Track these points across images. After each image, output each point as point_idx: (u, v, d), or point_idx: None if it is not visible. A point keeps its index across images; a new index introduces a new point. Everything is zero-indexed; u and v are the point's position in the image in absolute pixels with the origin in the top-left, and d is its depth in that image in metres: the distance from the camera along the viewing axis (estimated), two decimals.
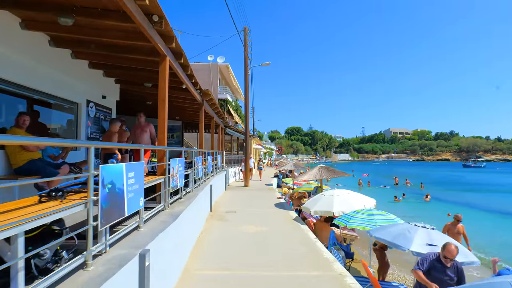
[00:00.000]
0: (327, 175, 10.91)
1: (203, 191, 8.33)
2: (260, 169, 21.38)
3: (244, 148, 19.27)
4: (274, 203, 12.38)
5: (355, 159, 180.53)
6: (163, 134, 5.32)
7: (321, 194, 9.23)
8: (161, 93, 5.31)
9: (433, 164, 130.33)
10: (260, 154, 55.20)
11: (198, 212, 7.28)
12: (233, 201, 12.61)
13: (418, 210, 20.02)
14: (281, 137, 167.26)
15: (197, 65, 32.20)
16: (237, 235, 7.29)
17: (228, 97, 32.30)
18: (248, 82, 18.44)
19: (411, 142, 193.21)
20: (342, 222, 7.37)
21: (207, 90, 9.44)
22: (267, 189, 17.63)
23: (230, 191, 16.02)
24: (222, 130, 19.11)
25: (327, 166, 11.67)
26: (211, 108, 11.92)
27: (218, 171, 14.78)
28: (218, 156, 14.38)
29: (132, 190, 3.35)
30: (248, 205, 11.68)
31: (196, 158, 7.74)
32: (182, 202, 6.00)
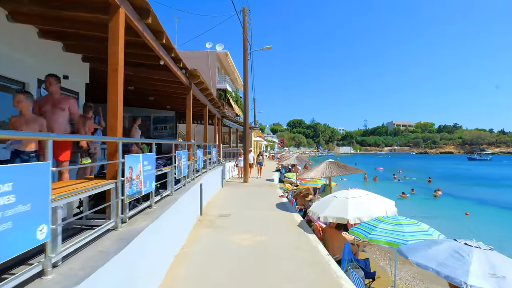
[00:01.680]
0: (337, 172, 9.36)
1: (188, 193, 6.79)
2: (259, 165, 19.30)
3: (243, 140, 17.70)
4: (276, 203, 10.84)
5: (357, 152, 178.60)
6: (115, 119, 3.72)
7: (332, 196, 7.65)
8: (112, 60, 3.73)
9: (437, 157, 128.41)
10: (262, 147, 53.62)
11: (179, 220, 5.75)
12: (229, 201, 11.07)
13: (430, 209, 18.44)
14: (283, 129, 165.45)
15: (195, 53, 30.45)
16: (228, 250, 5.75)
17: (228, 87, 30.62)
18: (247, 67, 16.77)
19: (414, 135, 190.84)
20: (361, 233, 5.82)
21: (194, 70, 7.82)
22: (268, 185, 16.09)
23: (227, 188, 14.48)
24: (219, 121, 17.52)
25: (336, 161, 10.10)
26: (203, 94, 10.31)
27: (213, 166, 13.24)
28: (213, 150, 12.82)
29: None
30: (245, 206, 10.14)
31: (177, 152, 6.16)
32: (151, 212, 4.45)
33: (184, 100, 12.43)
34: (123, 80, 8.93)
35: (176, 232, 5.43)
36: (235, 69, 35.08)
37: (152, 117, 18.47)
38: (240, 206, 10.20)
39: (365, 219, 6.54)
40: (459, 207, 19.49)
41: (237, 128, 24.96)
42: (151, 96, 12.06)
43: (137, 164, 3.95)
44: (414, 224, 5.75)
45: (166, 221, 4.70)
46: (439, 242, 4.75)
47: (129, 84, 9.71)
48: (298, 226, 7.64)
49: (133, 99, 13.84)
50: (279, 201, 11.36)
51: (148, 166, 4.41)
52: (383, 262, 8.71)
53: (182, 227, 5.96)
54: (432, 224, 6.19)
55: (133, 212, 4.02)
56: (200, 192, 8.52)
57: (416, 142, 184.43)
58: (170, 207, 4.93)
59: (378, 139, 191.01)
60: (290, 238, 6.59)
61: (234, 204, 10.45)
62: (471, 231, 12.68)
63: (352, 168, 9.64)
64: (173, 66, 6.62)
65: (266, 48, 17.20)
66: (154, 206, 4.75)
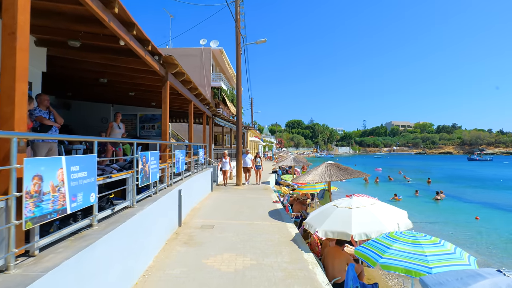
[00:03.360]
0: (338, 176, 8.14)
1: (158, 203, 5.58)
2: (257, 168, 16.34)
3: (237, 139, 16.49)
4: (269, 210, 9.64)
5: (356, 152, 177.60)
6: (10, 104, 2.48)
7: (332, 205, 6.43)
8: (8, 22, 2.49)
9: (436, 157, 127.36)
10: (258, 148, 52.32)
11: (138, 239, 4.52)
12: (216, 208, 9.85)
13: (433, 213, 17.27)
14: (282, 130, 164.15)
15: (188, 50, 29.26)
16: (200, 280, 4.52)
17: (223, 85, 29.39)
18: (240, 61, 15.56)
19: (413, 135, 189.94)
20: (370, 256, 4.62)
21: (170, 56, 6.60)
22: (262, 188, 14.87)
23: (216, 192, 13.26)
24: (210, 120, 16.31)
25: (337, 164, 8.89)
26: (185, 87, 9.09)
27: (200, 168, 12.03)
28: (200, 150, 11.60)
29: None
30: (233, 214, 8.92)
31: (140, 154, 4.94)
32: (86, 236, 3.24)
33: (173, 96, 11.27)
34: (89, 71, 7.72)
35: (132, 256, 4.21)
36: (231, 67, 33.87)
37: (139, 115, 17.26)
38: (227, 214, 8.99)
39: (373, 235, 5.34)
40: (466, 210, 18.30)
41: (231, 128, 23.74)
42: (131, 91, 10.86)
43: (54, 170, 2.74)
44: (436, 244, 4.54)
45: (111, 246, 3.49)
46: (477, 274, 3.56)
47: (98, 76, 8.49)
48: (292, 242, 6.43)
49: (112, 95, 12.64)
50: (273, 207, 10.16)
51: (82, 173, 3.20)
52: (391, 281, 7.50)
53: (143, 248, 4.74)
54: (439, 231, 5.03)
55: (46, 241, 2.80)
56: (179, 200, 7.31)
57: (415, 142, 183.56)
58: (118, 226, 3.72)
59: (377, 140, 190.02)
60: (282, 260, 5.38)
61: (221, 212, 9.23)
62: (491, 243, 11.46)
63: (355, 171, 8.43)
64: (138, 49, 5.41)
65: (260, 41, 15.99)
66: (95, 227, 3.54)
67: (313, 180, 8.32)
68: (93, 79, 8.90)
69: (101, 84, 10.16)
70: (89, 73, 8.30)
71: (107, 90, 11.71)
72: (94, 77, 8.69)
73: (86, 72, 8.25)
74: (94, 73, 8.29)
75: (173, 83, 7.80)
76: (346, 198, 7.04)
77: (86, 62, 7.19)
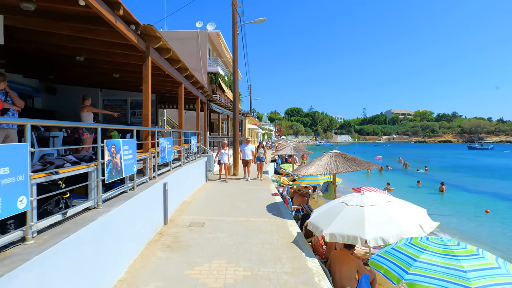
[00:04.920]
0: (345, 167, 7.13)
1: (134, 200, 4.66)
2: (261, 161, 14.11)
3: (233, 127, 15.51)
4: (267, 204, 8.75)
5: (356, 140, 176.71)
6: None
7: (340, 202, 5.50)
8: None
9: (436, 145, 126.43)
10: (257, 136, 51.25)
11: (97, 253, 3.61)
12: (209, 201, 8.95)
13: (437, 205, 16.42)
14: (281, 118, 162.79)
15: (183, 33, 27.89)
16: None
17: (220, 70, 28.15)
18: (237, 42, 14.44)
19: (412, 124, 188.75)
20: (392, 270, 3.74)
21: (150, 26, 5.56)
22: None
23: (211, 183, 12.36)
24: (204, 105, 15.27)
25: (343, 153, 7.89)
26: (173, 66, 8.05)
27: (193, 158, 11.09)
28: (192, 138, 10.63)
29: None
30: (227, 209, 8.02)
31: (107, 142, 3.97)
32: (13, 257, 2.32)
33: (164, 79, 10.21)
34: (61, 47, 6.66)
35: (89, 274, 3.30)
36: (228, 52, 32.53)
37: (129, 101, 16.20)
38: (220, 209, 8.09)
39: (392, 240, 4.44)
40: (472, 202, 17.47)
41: (229, 115, 22.72)
42: (114, 72, 9.79)
43: None
44: (475, 256, 3.63)
45: (52, 266, 2.57)
46: None
47: (74, 53, 7.43)
48: (293, 244, 5.55)
49: (99, 78, 11.57)
50: (271, 200, 9.28)
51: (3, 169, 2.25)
52: None
53: (110, 258, 3.83)
54: (446, 224, 4.12)
55: None
56: (164, 195, 6.38)
57: (415, 130, 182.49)
58: (66, 238, 2.79)
59: (377, 128, 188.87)
60: (282, 270, 4.48)
61: (213, 206, 8.34)
62: None
63: (363, 162, 7.42)
64: (106, 13, 4.37)
65: (258, 20, 14.82)
66: (30, 241, 2.61)
67: (317, 171, 7.38)
68: (69, 57, 7.82)
69: (82, 65, 9.10)
70: (61, 49, 7.22)
71: (91, 72, 10.64)
72: (69, 55, 7.62)
73: (59, 48, 7.17)
74: (67, 49, 7.22)
75: (157, 61, 6.75)
76: (356, 193, 6.12)
77: (53, 34, 6.13)
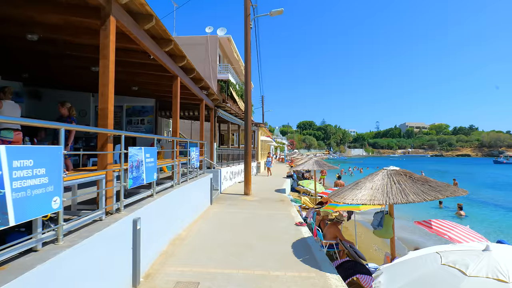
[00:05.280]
0: (418, 194, 4.43)
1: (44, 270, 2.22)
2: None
3: (245, 137, 13.12)
4: (292, 242, 6.20)
5: (369, 154, 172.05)
6: None
7: (434, 253, 2.93)
8: None
9: (455, 160, 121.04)
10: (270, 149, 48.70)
11: None
12: (211, 237, 6.44)
13: None
14: (293, 131, 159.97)
15: (192, 38, 25.93)
16: None
17: (230, 78, 25.95)
18: (249, 37, 12.20)
19: (429, 137, 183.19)
20: None
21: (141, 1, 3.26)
22: (277, 199, 11.42)
23: (218, 206, 9.87)
24: (211, 112, 12.96)
25: (405, 171, 5.20)
26: (160, 47, 5.72)
27: (194, 175, 8.67)
28: (192, 150, 8.22)
29: None
30: (237, 252, 5.50)
31: None
32: None
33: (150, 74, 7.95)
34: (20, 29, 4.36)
35: None
36: (240, 59, 30.45)
37: (125, 107, 14.04)
38: (227, 251, 5.56)
39: None
40: None
41: (239, 125, 20.38)
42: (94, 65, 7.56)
43: None
44: None
45: None
46: None
47: (44, 42, 5.22)
48: None
49: (87, 78, 9.40)
50: (296, 234, 6.72)
51: None
52: None
53: None
54: None
55: None
56: (134, 241, 3.93)
57: (431, 144, 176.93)
58: None
59: (391, 141, 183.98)
60: None
61: (217, 247, 5.81)
62: None
63: (443, 185, 4.80)
64: None
65: (275, 12, 12.56)
66: None
67: (372, 199, 4.84)
68: (34, 44, 5.67)
69: (58, 56, 6.99)
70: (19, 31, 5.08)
71: (76, 71, 8.54)
72: (38, 44, 5.49)
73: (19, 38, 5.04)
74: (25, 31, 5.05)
75: (130, 29, 4.42)
76: (457, 244, 3.53)
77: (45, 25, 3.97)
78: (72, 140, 5.89)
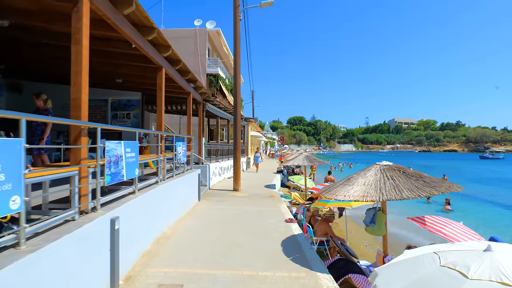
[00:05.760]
0: (412, 190, 4.15)
1: None
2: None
3: (234, 132, 12.85)
4: (282, 240, 5.99)
5: (359, 149, 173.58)
6: None
7: (432, 253, 2.76)
8: None
9: (442, 155, 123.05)
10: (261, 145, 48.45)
11: None
12: (197, 235, 6.18)
13: None
14: (283, 127, 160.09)
15: (181, 31, 25.35)
16: None
17: (220, 72, 25.53)
18: (238, 29, 11.87)
19: (417, 133, 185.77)
20: None
21: None
22: (267, 195, 11.21)
23: (206, 202, 9.61)
24: (199, 106, 12.62)
25: (398, 166, 4.99)
26: (142, 35, 5.38)
27: (181, 170, 8.38)
28: (179, 144, 7.92)
29: None
30: (223, 251, 5.26)
31: None
32: None
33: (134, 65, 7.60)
34: None
35: None
36: (230, 53, 30.00)
37: (110, 101, 13.55)
38: (213, 250, 5.32)
39: None
40: None
41: (229, 120, 20.08)
42: None
43: None
44: None
45: None
46: None
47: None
48: None
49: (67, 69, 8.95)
50: (286, 232, 6.52)
51: None
52: None
53: None
54: None
55: None
56: (112, 241, 3.65)
57: (419, 140, 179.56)
58: None
59: (380, 137, 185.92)
60: None
61: (203, 245, 5.55)
62: None
63: (437, 180, 4.65)
64: None
65: (265, 4, 12.25)
66: None
67: (365, 195, 4.65)
68: (4, 31, 5.24)
69: (34, 45, 6.58)
70: None
71: (55, 61, 8.09)
72: (10, 30, 5.06)
73: None
74: None
75: (105, 11, 4.08)
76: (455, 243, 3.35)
77: None
78: (48, 133, 5.54)
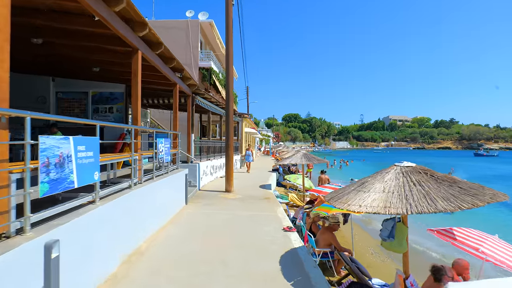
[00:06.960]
0: (448, 201, 3.38)
1: None
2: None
3: (227, 128, 11.83)
4: (280, 255, 5.01)
5: (354, 147, 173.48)
6: None
7: None
8: None
9: (436, 152, 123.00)
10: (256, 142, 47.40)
11: None
12: (177, 250, 5.15)
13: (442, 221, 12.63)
14: (278, 124, 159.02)
15: (171, 22, 24.22)
16: None
17: (213, 66, 24.45)
18: (231, 14, 10.82)
19: (411, 130, 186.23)
20: None
21: None
22: (262, 197, 10.22)
23: (193, 206, 8.60)
24: (188, 99, 11.55)
25: (424, 168, 4.15)
26: (109, 7, 4.35)
27: (164, 171, 7.34)
28: (160, 141, 6.88)
29: None
30: (207, 271, 4.25)
31: None
32: None
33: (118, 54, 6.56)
34: None
35: None
36: (223, 46, 28.84)
37: (91, 93, 12.40)
38: (195, 270, 4.31)
39: None
40: None
41: (221, 115, 19.02)
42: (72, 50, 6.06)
43: None
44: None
45: None
46: None
47: None
48: None
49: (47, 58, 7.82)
50: (285, 244, 5.53)
51: None
52: None
53: None
54: None
55: None
56: (47, 275, 2.65)
57: (413, 137, 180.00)
58: None
59: (375, 134, 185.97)
60: None
61: (182, 265, 4.54)
62: None
63: (477, 187, 3.71)
64: None
65: None
66: None
67: (387, 206, 3.70)
68: None
69: None
70: None
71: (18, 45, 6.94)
72: None
73: None
74: None
75: None
76: None
77: None
78: None
